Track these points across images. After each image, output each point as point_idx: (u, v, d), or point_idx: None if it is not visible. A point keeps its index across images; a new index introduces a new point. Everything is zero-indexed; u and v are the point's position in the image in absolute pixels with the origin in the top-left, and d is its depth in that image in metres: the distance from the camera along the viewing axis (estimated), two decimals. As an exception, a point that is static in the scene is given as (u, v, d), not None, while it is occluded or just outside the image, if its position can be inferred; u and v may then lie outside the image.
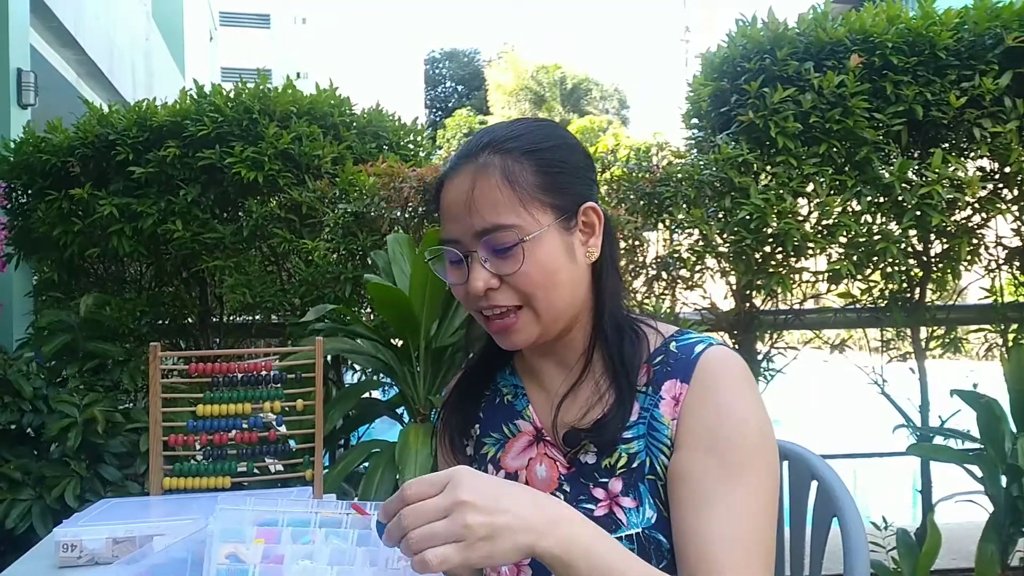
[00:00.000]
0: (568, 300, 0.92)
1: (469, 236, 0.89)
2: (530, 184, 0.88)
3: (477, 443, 1.03)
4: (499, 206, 0.87)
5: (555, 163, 0.91)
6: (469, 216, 0.88)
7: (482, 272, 0.89)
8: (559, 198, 0.90)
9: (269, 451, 1.75)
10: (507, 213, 0.87)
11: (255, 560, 0.78)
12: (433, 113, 37.37)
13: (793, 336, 3.07)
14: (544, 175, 0.90)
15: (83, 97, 4.39)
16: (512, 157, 0.89)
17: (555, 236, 0.89)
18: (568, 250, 0.91)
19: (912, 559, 2.22)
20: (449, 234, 0.92)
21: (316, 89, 3.10)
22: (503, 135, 0.92)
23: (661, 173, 2.66)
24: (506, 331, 0.91)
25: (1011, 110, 2.62)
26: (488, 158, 0.89)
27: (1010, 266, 2.93)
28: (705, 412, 0.88)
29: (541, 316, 0.90)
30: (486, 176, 0.88)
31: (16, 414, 2.48)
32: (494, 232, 0.87)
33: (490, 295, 0.90)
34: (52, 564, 1.28)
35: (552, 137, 0.94)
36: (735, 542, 0.82)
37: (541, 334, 0.92)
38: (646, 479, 0.90)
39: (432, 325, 2.31)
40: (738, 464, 0.85)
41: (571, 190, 0.92)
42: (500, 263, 0.88)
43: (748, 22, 2.85)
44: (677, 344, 0.92)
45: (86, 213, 2.98)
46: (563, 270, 0.90)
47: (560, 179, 0.91)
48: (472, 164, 0.90)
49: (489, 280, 0.89)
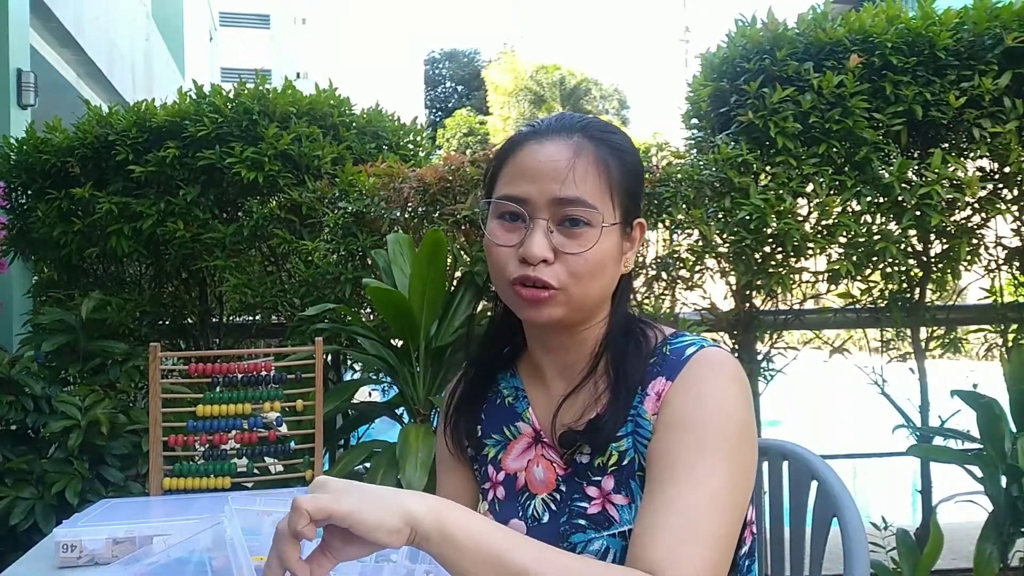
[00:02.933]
0: (598, 297, 0.93)
1: (545, 200, 0.88)
2: (616, 180, 0.91)
3: (478, 444, 1.04)
4: (589, 185, 0.88)
5: (634, 170, 0.94)
6: (557, 182, 0.88)
7: (544, 240, 0.88)
8: (630, 203, 0.93)
9: (269, 451, 1.75)
10: (594, 195, 0.89)
11: None
12: (433, 113, 37.36)
13: (793, 336, 3.07)
14: (628, 177, 0.92)
15: (83, 97, 4.40)
16: (606, 148, 0.91)
17: (616, 236, 0.91)
18: (618, 253, 0.93)
19: (912, 559, 2.22)
20: (520, 192, 0.90)
21: (316, 89, 3.10)
22: (599, 126, 0.93)
23: (661, 173, 2.66)
24: (537, 303, 0.90)
25: (1010, 110, 2.62)
26: (583, 140, 0.90)
27: (1010, 266, 2.93)
28: (683, 399, 0.88)
29: (572, 301, 0.90)
30: (586, 154, 0.89)
31: (20, 413, 2.49)
32: (578, 205, 0.88)
33: (539, 268, 0.88)
34: (52, 564, 1.28)
35: (632, 148, 0.96)
36: (686, 515, 0.79)
37: (563, 317, 0.92)
38: (636, 475, 0.90)
39: (432, 325, 2.31)
40: (708, 448, 0.83)
41: (636, 200, 0.95)
42: (565, 239, 0.88)
43: (748, 22, 2.85)
44: (671, 346, 0.93)
45: (86, 213, 2.99)
46: (610, 268, 0.92)
47: (636, 187, 0.94)
48: (567, 138, 0.90)
49: (547, 251, 0.88)
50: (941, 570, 2.71)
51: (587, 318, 0.95)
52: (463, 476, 1.06)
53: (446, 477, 1.08)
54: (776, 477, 1.27)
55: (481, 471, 1.04)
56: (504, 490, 1.00)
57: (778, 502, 1.26)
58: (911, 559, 2.22)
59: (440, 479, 1.09)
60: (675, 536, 0.78)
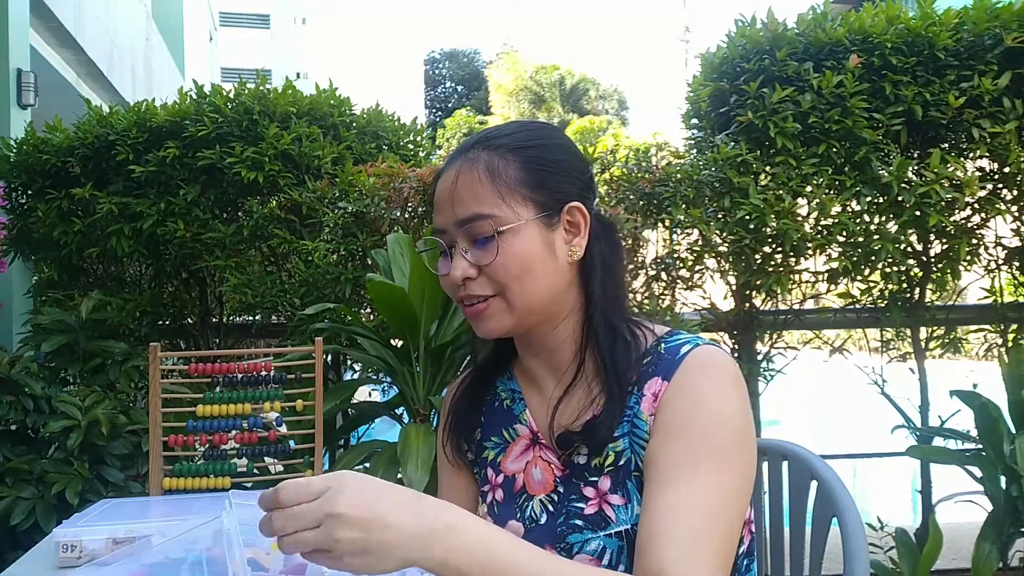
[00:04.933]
0: (543, 294, 0.93)
1: (452, 226, 0.93)
2: (513, 179, 0.91)
3: (478, 447, 1.04)
4: (479, 197, 0.91)
5: (541, 161, 0.94)
6: (452, 207, 0.92)
7: (461, 262, 0.92)
8: (542, 195, 0.93)
9: (269, 451, 1.75)
10: (486, 204, 0.90)
11: (277, 567, 0.77)
12: (433, 113, 37.38)
13: (793, 336, 3.07)
14: (528, 171, 0.92)
15: (84, 97, 4.40)
16: (499, 153, 0.92)
17: (534, 231, 0.91)
18: (547, 246, 0.92)
19: (912, 559, 2.22)
20: (437, 224, 0.95)
21: (316, 89, 3.10)
22: (495, 133, 0.96)
23: (660, 173, 2.66)
24: (478, 317, 0.94)
25: (1010, 110, 2.62)
26: (476, 153, 0.93)
27: (1010, 266, 2.93)
28: (682, 403, 0.88)
29: (514, 307, 0.92)
30: (471, 169, 0.92)
31: (20, 413, 2.49)
32: (472, 221, 0.91)
33: (467, 284, 0.92)
34: (52, 564, 1.28)
35: (543, 137, 0.96)
36: (690, 519, 0.80)
37: (515, 324, 0.94)
38: (632, 476, 0.90)
39: (432, 325, 2.31)
40: (709, 453, 0.84)
41: (556, 188, 0.94)
42: (478, 253, 0.91)
43: (747, 22, 2.85)
44: (666, 345, 0.93)
45: (86, 213, 2.99)
46: (539, 264, 0.92)
47: (545, 177, 0.93)
48: (461, 159, 0.94)
49: (467, 269, 0.92)
50: (941, 570, 2.72)
51: (548, 317, 0.95)
52: (462, 482, 1.07)
53: (447, 482, 1.08)
54: (776, 477, 1.27)
55: (481, 474, 1.04)
56: (503, 492, 1.00)
57: (778, 502, 1.26)
58: (910, 559, 2.22)
59: (441, 483, 1.10)
60: (680, 541, 0.78)
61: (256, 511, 0.71)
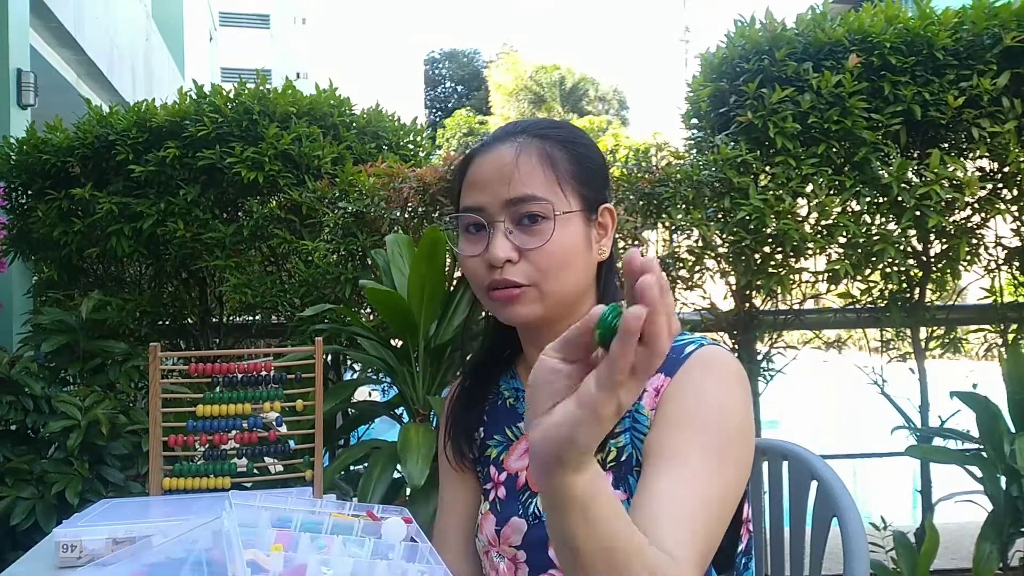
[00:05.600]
0: (574, 289, 0.93)
1: (498, 204, 0.90)
2: (567, 170, 0.92)
3: (481, 446, 1.04)
4: (537, 180, 0.90)
5: (588, 158, 0.95)
6: (505, 185, 0.90)
7: (505, 242, 0.90)
8: (588, 190, 0.94)
9: (269, 451, 1.75)
10: (542, 188, 0.90)
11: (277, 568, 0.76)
12: (433, 113, 37.38)
13: (793, 336, 3.07)
14: (579, 165, 0.93)
15: (84, 97, 4.40)
16: (550, 143, 0.92)
17: (580, 224, 0.92)
18: (587, 240, 0.93)
19: (911, 560, 2.22)
20: (475, 202, 0.92)
21: (316, 89, 3.10)
22: (542, 124, 0.95)
23: (660, 174, 2.66)
24: (511, 302, 0.91)
25: (1009, 110, 2.62)
26: (527, 140, 0.92)
27: (1010, 266, 2.93)
28: (683, 395, 0.88)
29: (547, 296, 0.91)
30: (528, 152, 0.91)
31: (20, 413, 2.49)
32: (529, 202, 0.89)
33: (506, 268, 0.90)
34: (52, 564, 1.28)
35: (583, 137, 0.98)
36: (681, 503, 0.79)
37: (544, 314, 0.93)
38: (634, 471, 0.91)
39: (431, 325, 2.31)
40: (707, 443, 0.84)
41: (597, 187, 0.95)
42: (525, 236, 0.90)
43: (746, 23, 2.85)
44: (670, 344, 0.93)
45: (86, 213, 2.99)
46: (579, 258, 0.92)
47: (591, 174, 0.95)
48: (510, 142, 0.92)
49: (511, 251, 0.90)
50: (942, 570, 2.72)
51: (569, 312, 0.95)
52: (464, 483, 1.07)
53: (448, 482, 1.08)
54: (776, 477, 1.27)
55: (483, 472, 1.04)
56: (505, 489, 1.00)
57: (778, 502, 1.26)
58: (910, 559, 2.22)
59: (443, 484, 1.10)
60: (668, 524, 0.79)
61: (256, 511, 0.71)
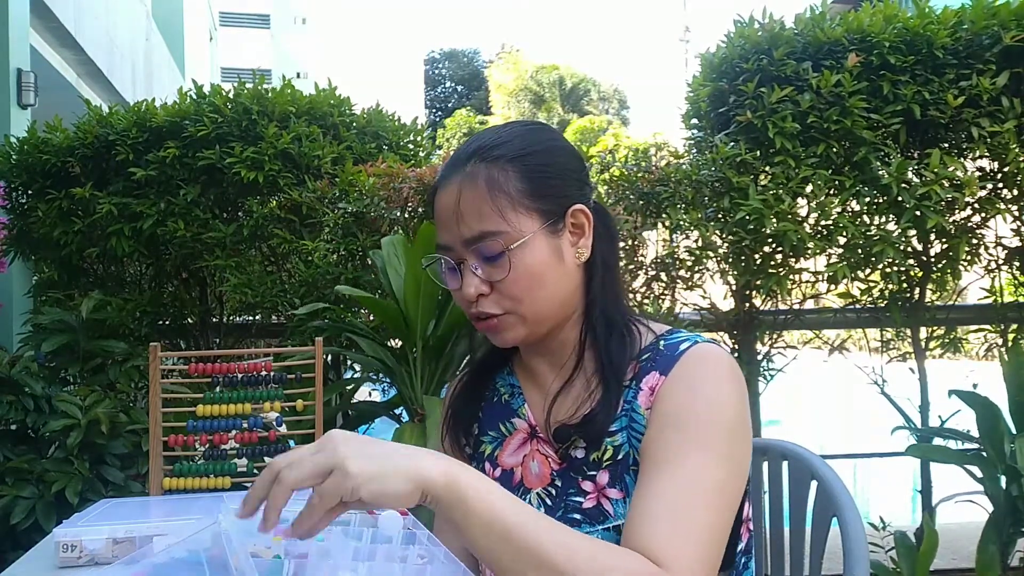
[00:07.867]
0: (555, 303, 0.93)
1: (459, 244, 0.92)
2: (515, 191, 0.90)
3: (476, 442, 1.05)
4: (484, 215, 0.89)
5: (541, 168, 0.93)
6: (457, 225, 0.91)
7: (473, 279, 0.92)
8: (545, 203, 0.92)
9: (269, 451, 1.75)
10: (492, 221, 0.89)
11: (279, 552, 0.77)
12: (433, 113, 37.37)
13: (793, 336, 3.07)
14: (530, 181, 0.91)
15: (83, 97, 4.40)
16: (497, 166, 0.91)
17: (542, 241, 0.91)
18: (556, 253, 0.92)
19: (911, 560, 2.22)
20: (442, 241, 0.94)
21: (315, 89, 3.10)
22: (490, 142, 0.94)
23: (660, 173, 2.66)
24: (494, 331, 0.95)
25: (1009, 109, 2.62)
26: (474, 167, 0.91)
27: (1010, 266, 2.93)
28: (677, 393, 0.88)
29: (527, 319, 0.93)
30: (472, 185, 0.90)
31: (20, 413, 2.49)
32: (481, 240, 0.90)
33: (480, 301, 0.92)
34: (52, 564, 1.28)
35: (539, 142, 0.95)
36: (677, 502, 0.80)
37: (529, 333, 0.94)
38: (630, 470, 0.91)
39: (428, 325, 2.31)
40: (702, 441, 0.84)
41: (558, 193, 0.93)
42: (490, 270, 0.91)
43: (746, 23, 2.85)
44: (666, 342, 0.93)
45: (86, 213, 2.99)
46: (550, 274, 0.92)
47: (546, 184, 0.93)
48: (460, 174, 0.92)
49: (480, 287, 0.92)
50: (942, 570, 2.72)
51: (559, 321, 0.96)
52: None
53: None
54: (776, 477, 1.27)
55: (479, 468, 1.04)
56: None
57: (778, 502, 1.26)
58: (910, 559, 2.22)
59: None
60: (669, 525, 0.79)
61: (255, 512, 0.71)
